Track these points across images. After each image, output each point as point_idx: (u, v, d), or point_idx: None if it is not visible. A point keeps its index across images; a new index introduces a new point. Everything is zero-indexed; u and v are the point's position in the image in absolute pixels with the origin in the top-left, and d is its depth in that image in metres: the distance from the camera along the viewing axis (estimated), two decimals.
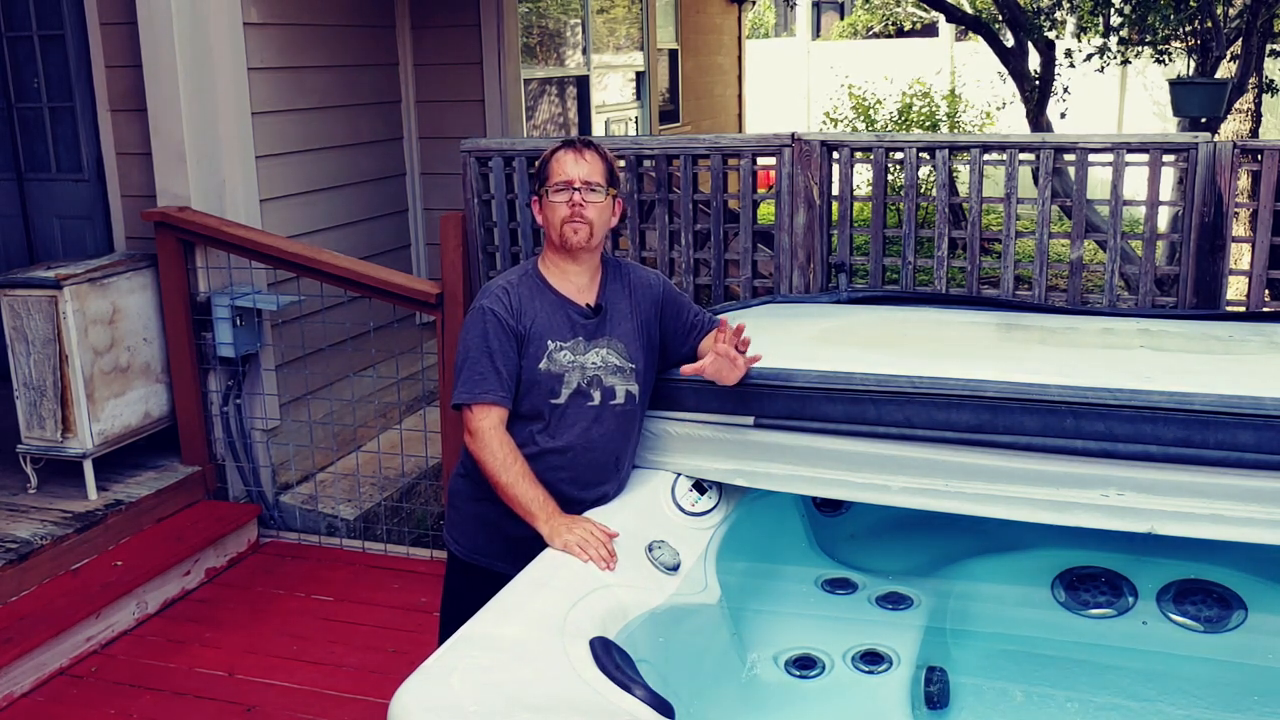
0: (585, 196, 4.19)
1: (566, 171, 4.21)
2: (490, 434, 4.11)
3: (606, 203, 4.27)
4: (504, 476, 4.07)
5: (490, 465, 4.09)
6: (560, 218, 4.20)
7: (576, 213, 4.18)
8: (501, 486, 4.08)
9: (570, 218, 4.19)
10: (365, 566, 6.85)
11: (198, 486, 7.15)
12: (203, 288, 7.05)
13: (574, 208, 4.18)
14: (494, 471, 4.08)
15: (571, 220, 4.19)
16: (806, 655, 4.40)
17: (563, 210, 4.19)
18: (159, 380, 7.11)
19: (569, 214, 4.18)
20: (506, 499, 4.09)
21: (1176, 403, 4.04)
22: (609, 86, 12.59)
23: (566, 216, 4.19)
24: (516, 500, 4.06)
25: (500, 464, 4.08)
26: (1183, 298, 5.86)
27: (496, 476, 4.08)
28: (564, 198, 4.19)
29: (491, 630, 3.54)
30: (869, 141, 6.31)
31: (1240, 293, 6.34)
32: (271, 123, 7.57)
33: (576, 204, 4.18)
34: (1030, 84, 13.65)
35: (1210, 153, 5.71)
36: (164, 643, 6.03)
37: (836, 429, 4.41)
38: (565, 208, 4.18)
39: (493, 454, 4.09)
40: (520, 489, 4.06)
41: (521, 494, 4.06)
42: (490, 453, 4.09)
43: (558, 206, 4.20)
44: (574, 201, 4.18)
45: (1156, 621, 4.59)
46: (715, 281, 6.55)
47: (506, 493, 4.08)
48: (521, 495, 4.06)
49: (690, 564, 4.23)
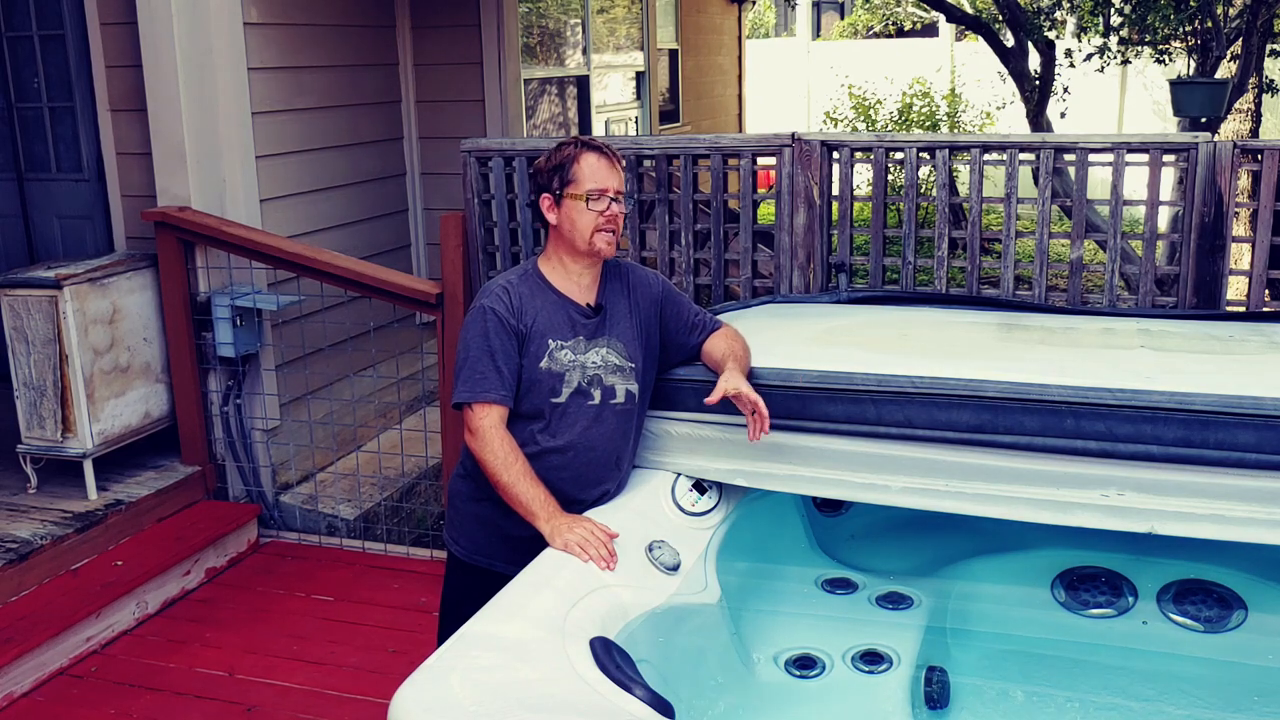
0: (621, 207, 4.21)
1: (602, 180, 4.19)
2: (491, 433, 4.10)
3: (625, 212, 4.29)
4: (505, 475, 4.06)
5: (491, 464, 4.08)
6: (594, 226, 4.18)
7: (612, 223, 4.19)
8: (502, 485, 4.07)
9: (604, 226, 4.18)
10: (365, 566, 6.85)
11: (198, 486, 7.15)
12: (203, 288, 7.05)
13: (611, 219, 4.19)
14: (495, 470, 4.08)
15: (604, 229, 4.19)
16: (806, 655, 4.40)
17: (597, 219, 4.18)
18: (159, 380, 7.11)
19: (604, 224, 4.18)
20: (507, 498, 4.08)
21: (1177, 403, 4.04)
22: (609, 86, 12.59)
23: (601, 225, 4.18)
24: (517, 499, 4.06)
25: (501, 463, 4.07)
26: (1183, 298, 5.86)
27: (497, 475, 4.08)
28: (601, 206, 4.17)
29: (491, 630, 3.54)
30: (869, 141, 6.30)
31: (1240, 293, 6.34)
32: (272, 122, 7.57)
33: (614, 216, 4.19)
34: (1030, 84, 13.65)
35: (1210, 152, 5.71)
36: (164, 643, 6.03)
37: (837, 429, 4.42)
38: (600, 217, 4.18)
39: (494, 453, 4.09)
40: (521, 488, 4.06)
41: (522, 493, 4.05)
42: (491, 451, 4.09)
43: (591, 215, 4.18)
44: (611, 213, 4.18)
45: (1157, 621, 4.59)
46: (715, 281, 6.55)
47: (508, 491, 4.07)
48: (522, 494, 4.05)
49: (690, 564, 4.23)
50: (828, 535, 5.08)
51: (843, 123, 18.55)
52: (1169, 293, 6.02)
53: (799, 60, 24.07)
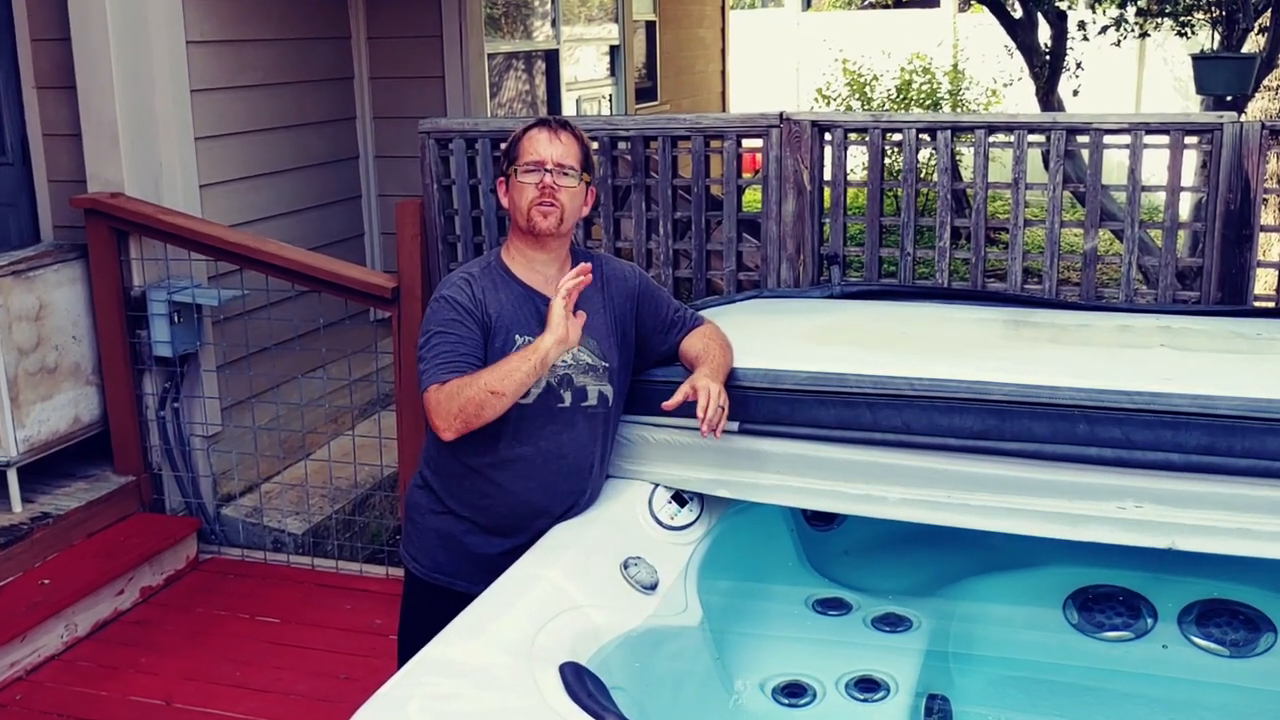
0: (557, 179, 4.18)
1: (538, 151, 4.20)
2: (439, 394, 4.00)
3: (579, 189, 4.26)
4: (476, 391, 3.94)
5: (463, 405, 3.95)
6: (528, 200, 4.17)
7: (546, 195, 4.17)
8: (494, 394, 3.93)
9: (539, 200, 4.16)
10: (315, 585, 6.85)
11: (132, 498, 7.13)
12: (137, 281, 7.04)
13: (544, 190, 4.16)
14: (470, 401, 3.95)
15: (540, 203, 4.16)
16: (796, 682, 4.40)
17: (531, 192, 4.17)
18: (90, 382, 7.09)
19: (538, 196, 4.16)
20: (507, 391, 3.94)
21: (1199, 407, 4.05)
22: (581, 61, 12.59)
23: (535, 199, 4.16)
24: (510, 378, 3.94)
25: (464, 392, 3.96)
26: (1206, 292, 5.87)
27: (481, 399, 3.94)
28: (534, 179, 4.17)
29: (452, 654, 3.53)
30: (864, 121, 6.31)
31: (1269, 286, 6.38)
32: (212, 101, 7.54)
33: (547, 186, 4.16)
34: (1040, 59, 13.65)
35: (1236, 134, 5.72)
36: (95, 668, 6.01)
37: (829, 435, 4.42)
38: (534, 189, 4.17)
39: (451, 396, 3.97)
40: (496, 374, 3.95)
41: (502, 375, 3.95)
42: (449, 397, 3.97)
43: (526, 188, 4.18)
44: (544, 184, 4.16)
45: (1178, 645, 4.60)
46: (696, 274, 6.55)
47: (499, 389, 3.93)
48: (505, 375, 3.94)
49: (669, 583, 4.23)
50: (819, 551, 5.07)
51: (836, 101, 18.55)
52: (1191, 287, 6.03)
53: (788, 33, 24.07)
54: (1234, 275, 5.82)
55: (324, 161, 8.72)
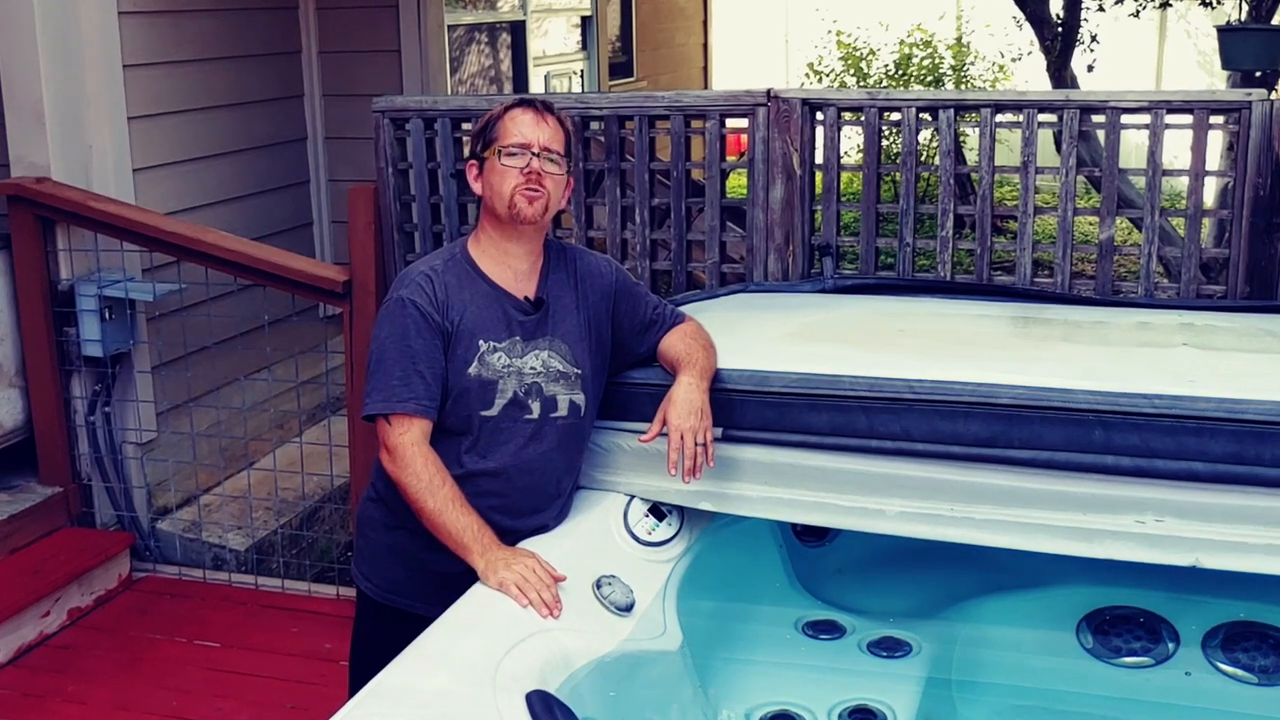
0: (544, 165, 4.20)
1: (524, 133, 4.21)
2: (412, 451, 4.07)
3: (563, 177, 4.28)
4: (430, 502, 4.03)
5: (413, 489, 4.05)
6: (512, 185, 4.18)
7: (533, 180, 4.18)
8: (427, 514, 4.04)
9: (525, 185, 4.18)
10: (259, 606, 6.83)
11: (59, 511, 7.11)
12: (65, 274, 7.02)
13: (530, 175, 4.18)
14: (418, 496, 4.05)
15: (526, 189, 4.18)
16: (785, 713, 4.41)
17: (516, 177, 4.18)
18: (13, 385, 7.06)
19: (524, 181, 4.18)
20: (433, 528, 4.05)
21: (1225, 412, 4.05)
22: (549, 34, 12.61)
23: (521, 184, 4.18)
24: (446, 530, 4.02)
25: (425, 487, 4.04)
26: (1233, 286, 5.88)
27: (421, 502, 4.04)
28: (520, 162, 4.18)
29: (410, 682, 3.53)
30: (860, 100, 6.30)
31: None
32: (147, 77, 7.52)
33: (534, 171, 4.18)
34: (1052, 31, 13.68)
35: (1266, 112, 5.73)
36: (18, 697, 6.00)
37: (821, 442, 4.42)
38: (520, 174, 4.18)
39: (416, 475, 4.06)
40: (450, 516, 4.02)
41: (451, 522, 4.02)
42: (413, 473, 4.06)
43: (509, 172, 4.19)
44: (531, 169, 4.18)
45: (1202, 672, 4.60)
46: (676, 267, 6.55)
47: (434, 520, 4.04)
48: (452, 524, 4.02)
49: (646, 603, 4.23)
50: (810, 569, 5.08)
51: (829, 77, 18.57)
52: (1216, 280, 6.05)
53: (776, 2, 24.10)
54: (1263, 267, 5.83)
55: (269, 143, 8.71)
